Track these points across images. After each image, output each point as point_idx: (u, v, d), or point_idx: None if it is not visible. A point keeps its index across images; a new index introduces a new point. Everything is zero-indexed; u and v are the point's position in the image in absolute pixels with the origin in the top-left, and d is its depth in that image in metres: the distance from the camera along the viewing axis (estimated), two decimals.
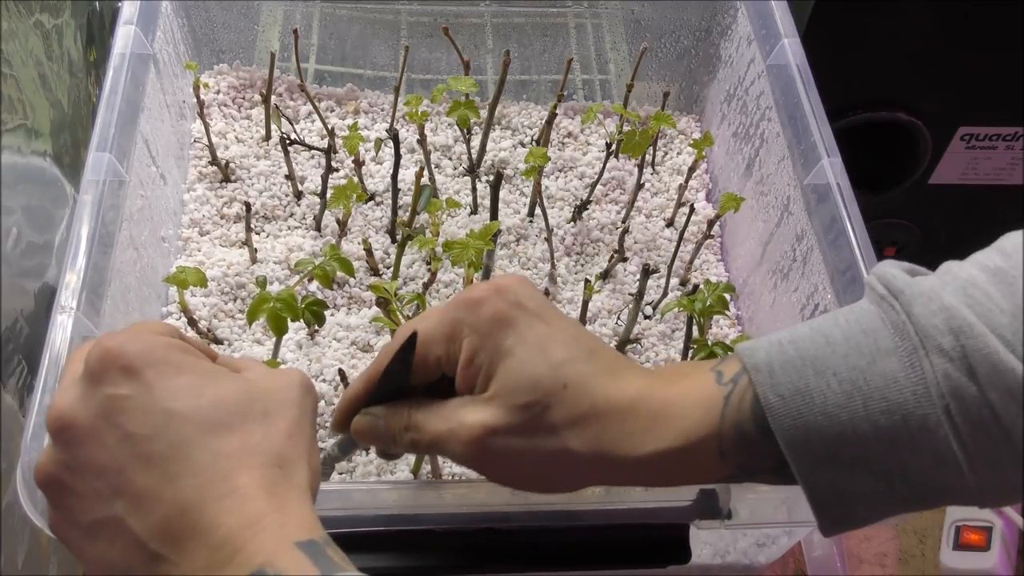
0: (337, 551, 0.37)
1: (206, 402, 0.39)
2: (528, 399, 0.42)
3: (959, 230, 1.19)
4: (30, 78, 0.72)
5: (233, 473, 0.37)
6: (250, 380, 0.41)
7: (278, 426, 0.40)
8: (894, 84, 1.03)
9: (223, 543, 0.36)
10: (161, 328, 0.43)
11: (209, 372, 0.41)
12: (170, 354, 0.40)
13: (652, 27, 0.94)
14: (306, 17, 0.94)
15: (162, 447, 0.37)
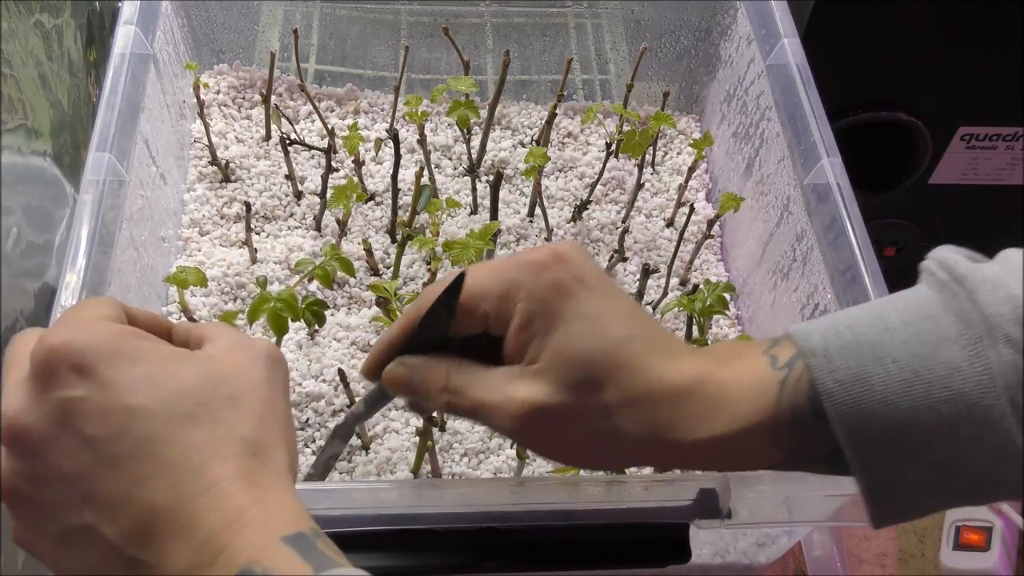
0: (327, 542, 0.35)
1: (168, 393, 0.36)
2: (582, 376, 0.41)
3: (959, 230, 1.18)
4: (30, 78, 0.72)
5: (206, 467, 0.35)
6: (212, 360, 0.38)
7: (248, 409, 0.37)
8: (894, 84, 1.03)
9: (205, 543, 0.34)
10: (104, 310, 0.39)
11: (166, 358, 0.37)
12: (121, 344, 0.37)
13: (652, 27, 0.94)
14: (306, 17, 0.94)
15: (127, 447, 0.35)
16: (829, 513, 0.56)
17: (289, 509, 0.36)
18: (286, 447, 0.38)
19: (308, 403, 0.70)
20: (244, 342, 0.40)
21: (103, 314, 0.39)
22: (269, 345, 0.41)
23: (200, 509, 0.34)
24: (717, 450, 0.41)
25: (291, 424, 0.40)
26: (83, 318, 0.38)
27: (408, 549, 0.53)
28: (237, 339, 0.40)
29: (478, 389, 0.43)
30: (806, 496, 0.55)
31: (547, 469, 0.69)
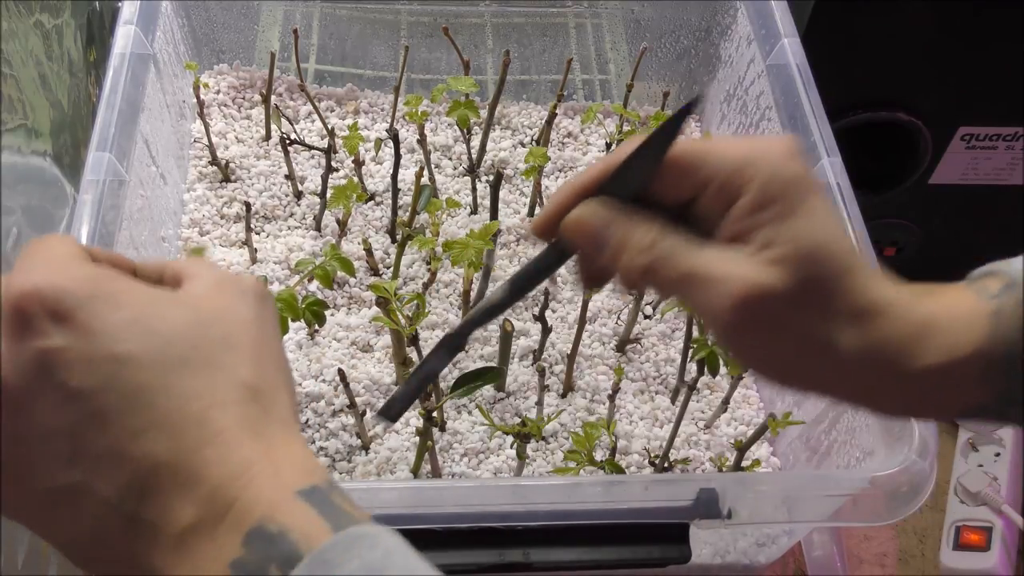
0: (343, 495, 0.32)
1: (158, 339, 0.33)
2: (817, 273, 0.37)
3: (959, 230, 1.19)
4: (30, 78, 0.72)
5: (207, 417, 0.32)
6: (198, 299, 0.35)
7: (243, 352, 0.34)
8: (894, 84, 1.03)
9: (210, 498, 0.31)
10: (69, 248, 0.35)
11: (150, 300, 0.34)
12: (99, 286, 0.33)
13: (652, 27, 0.94)
14: (306, 17, 0.94)
15: (117, 399, 0.32)
16: (829, 513, 0.56)
17: (299, 460, 0.33)
18: (287, 391, 0.35)
19: (308, 403, 0.70)
20: (228, 278, 0.37)
21: (69, 253, 0.35)
22: (255, 280, 0.38)
23: (203, 462, 0.31)
24: (924, 384, 0.38)
25: (288, 367, 0.38)
26: (50, 258, 0.34)
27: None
28: (219, 275, 0.37)
29: (694, 258, 0.37)
30: (806, 496, 0.55)
31: (547, 469, 0.69)
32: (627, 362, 0.76)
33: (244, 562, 0.30)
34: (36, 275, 0.33)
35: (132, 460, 0.31)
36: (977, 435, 1.17)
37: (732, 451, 0.69)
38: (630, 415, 0.73)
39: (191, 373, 0.33)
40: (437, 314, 0.76)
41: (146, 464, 0.31)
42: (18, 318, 0.32)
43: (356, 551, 0.30)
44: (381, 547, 0.30)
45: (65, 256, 0.34)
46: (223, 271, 0.38)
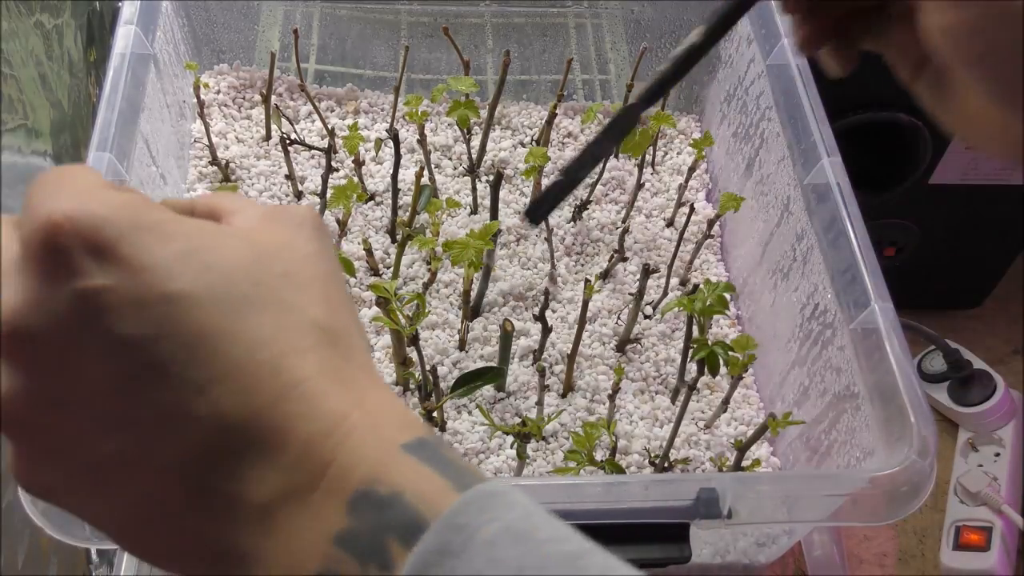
0: (450, 448, 0.28)
1: (217, 274, 0.27)
2: None
3: (959, 230, 1.19)
4: (30, 78, 0.72)
5: (282, 365, 0.27)
6: (251, 231, 0.30)
7: (310, 289, 0.29)
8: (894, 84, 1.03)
9: (299, 461, 0.26)
10: (96, 178, 0.29)
11: (200, 230, 0.28)
12: (141, 214, 0.27)
13: (652, 27, 0.94)
14: (306, 17, 0.94)
15: (174, 348, 0.26)
16: (829, 513, 0.56)
17: (396, 410, 0.28)
18: (361, 334, 0.31)
19: None
20: (278, 209, 0.32)
21: (96, 181, 0.29)
22: (309, 210, 0.32)
23: (285, 418, 0.26)
24: None
25: (354, 307, 0.33)
26: (77, 185, 0.28)
27: None
28: (266, 207, 0.32)
29: None
30: (806, 496, 0.55)
31: (547, 469, 0.69)
32: (627, 362, 0.76)
33: (352, 534, 0.25)
34: (65, 202, 0.27)
35: (196, 420, 0.26)
36: (977, 435, 1.18)
37: (732, 451, 0.69)
38: (630, 415, 0.73)
39: (257, 315, 0.27)
40: (437, 314, 0.77)
41: (214, 424, 0.26)
42: (48, 253, 0.26)
43: (492, 512, 0.25)
44: (519, 506, 0.25)
45: (94, 183, 0.28)
46: (269, 204, 0.34)
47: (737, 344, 0.65)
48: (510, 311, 0.78)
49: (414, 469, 0.26)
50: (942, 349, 1.16)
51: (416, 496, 0.25)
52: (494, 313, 0.78)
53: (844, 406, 0.64)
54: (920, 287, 1.22)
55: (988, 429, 1.17)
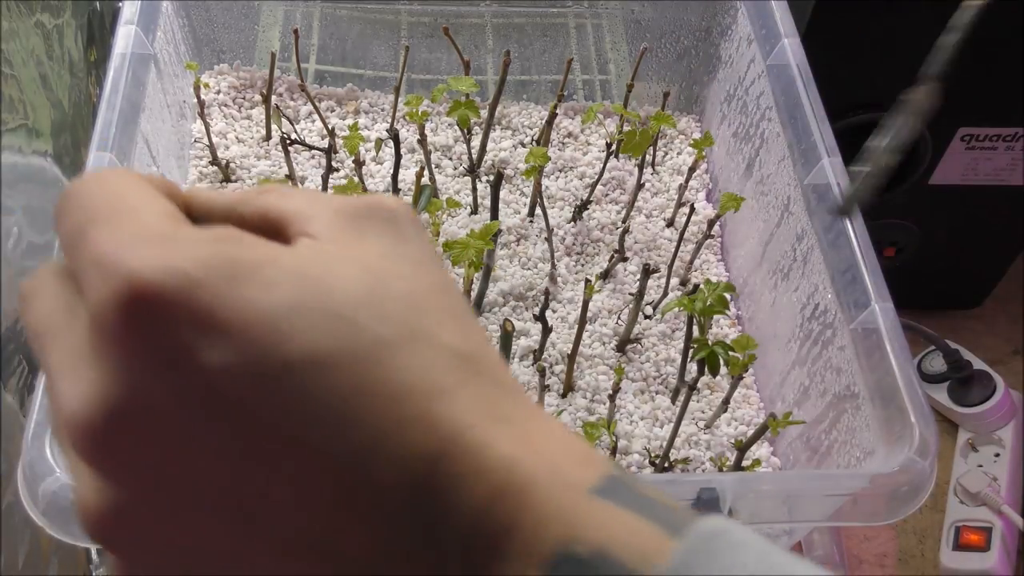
0: (644, 484, 0.23)
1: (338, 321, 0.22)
2: None
3: (959, 231, 1.19)
4: (31, 78, 0.72)
5: (435, 415, 0.22)
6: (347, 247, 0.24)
7: (435, 308, 0.24)
8: (894, 84, 1.03)
9: (475, 530, 0.22)
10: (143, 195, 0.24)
11: (301, 263, 0.22)
12: (234, 261, 0.22)
13: (652, 27, 0.94)
14: (306, 17, 0.94)
15: (308, 424, 0.21)
16: (829, 513, 0.56)
17: (568, 443, 0.23)
18: (495, 350, 0.26)
19: None
20: (359, 205, 0.26)
21: (148, 205, 0.23)
22: (396, 200, 0.26)
23: (452, 484, 0.22)
24: None
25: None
26: (142, 218, 0.22)
27: None
28: (340, 202, 0.26)
29: None
30: (806, 496, 0.56)
31: None
32: (627, 362, 0.76)
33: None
34: (136, 257, 0.21)
35: (349, 506, 0.21)
36: (977, 435, 1.17)
37: (732, 451, 0.69)
38: (630, 415, 0.73)
39: (392, 359, 0.22)
40: None
41: (369, 505, 0.22)
42: (135, 332, 0.21)
43: (723, 557, 0.21)
44: (750, 547, 0.21)
45: (149, 213, 0.23)
46: (340, 197, 0.26)
47: (737, 344, 0.65)
48: (510, 311, 0.78)
49: (614, 518, 0.22)
50: (942, 349, 1.16)
51: (626, 551, 0.21)
52: (494, 313, 0.78)
53: (844, 406, 0.64)
54: (920, 287, 1.22)
55: (988, 429, 1.17)
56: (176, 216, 0.24)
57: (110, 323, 0.21)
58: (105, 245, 0.22)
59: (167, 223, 0.23)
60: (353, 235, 0.25)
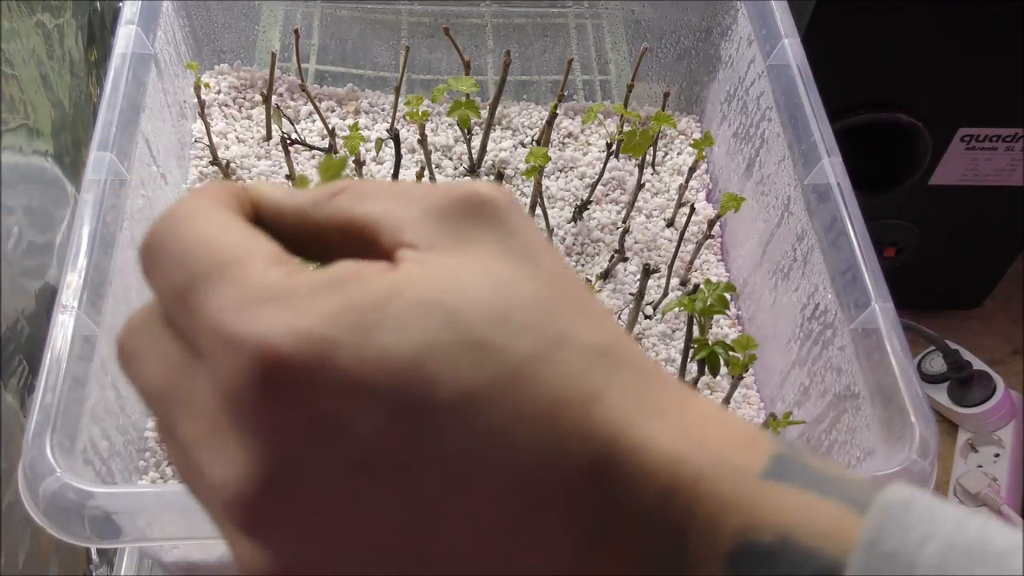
0: (815, 456, 0.22)
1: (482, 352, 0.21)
2: None
3: (959, 231, 1.19)
4: (31, 78, 0.72)
5: (591, 421, 0.21)
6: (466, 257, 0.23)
7: (565, 305, 0.23)
8: (894, 85, 1.03)
9: (648, 532, 0.21)
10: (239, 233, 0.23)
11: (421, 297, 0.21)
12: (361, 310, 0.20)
13: (652, 28, 0.94)
14: (307, 17, 0.94)
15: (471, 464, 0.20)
16: None
17: (726, 424, 0.22)
18: (628, 337, 0.25)
19: None
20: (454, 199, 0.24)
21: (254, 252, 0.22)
22: (493, 187, 0.24)
23: (614, 491, 0.21)
24: None
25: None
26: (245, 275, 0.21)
27: None
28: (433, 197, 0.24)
29: None
30: None
31: None
32: None
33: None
34: (256, 324, 0.20)
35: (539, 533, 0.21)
36: (977, 436, 1.18)
37: None
38: None
39: (541, 373, 0.21)
40: None
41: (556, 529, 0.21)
42: (279, 407, 0.20)
43: (916, 527, 0.19)
44: (946, 514, 0.20)
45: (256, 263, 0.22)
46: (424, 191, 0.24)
47: (737, 344, 0.65)
48: None
49: (792, 500, 0.20)
50: (942, 350, 1.16)
51: (810, 534, 0.20)
52: None
53: (844, 406, 0.64)
54: (920, 287, 1.22)
55: (988, 430, 1.17)
56: (280, 258, 0.22)
57: (247, 397, 0.20)
58: (222, 312, 0.21)
59: (277, 273, 0.21)
60: (454, 239, 0.23)
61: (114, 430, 0.61)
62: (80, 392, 0.55)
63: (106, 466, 0.58)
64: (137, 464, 0.65)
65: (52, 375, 0.54)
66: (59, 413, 0.53)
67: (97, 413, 0.58)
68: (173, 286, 0.22)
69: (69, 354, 0.55)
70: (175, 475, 0.65)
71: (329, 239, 0.25)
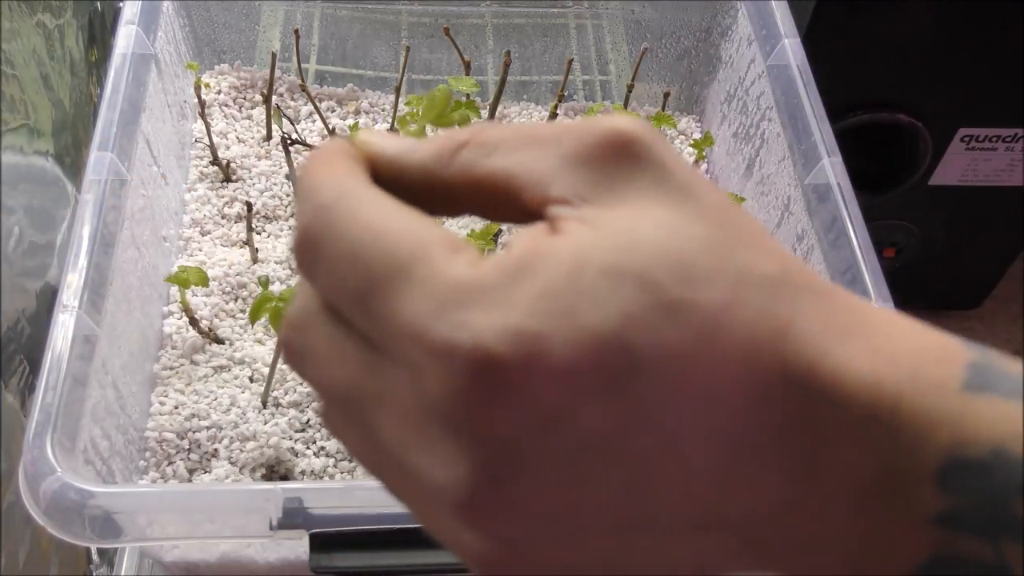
0: (1006, 358, 0.22)
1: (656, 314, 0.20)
2: None
3: (959, 231, 1.19)
4: (32, 78, 0.72)
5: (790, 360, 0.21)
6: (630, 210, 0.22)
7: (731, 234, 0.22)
8: (894, 85, 1.03)
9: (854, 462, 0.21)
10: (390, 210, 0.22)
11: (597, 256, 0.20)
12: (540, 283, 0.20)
13: (652, 28, 0.94)
14: (307, 17, 0.94)
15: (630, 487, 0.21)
16: None
17: (915, 337, 0.22)
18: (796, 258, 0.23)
19: (309, 403, 0.70)
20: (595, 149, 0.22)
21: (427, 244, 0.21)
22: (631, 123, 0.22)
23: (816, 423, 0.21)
24: None
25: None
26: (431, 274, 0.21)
27: (409, 548, 0.53)
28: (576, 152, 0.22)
29: None
30: None
31: None
32: None
33: (959, 511, 0.20)
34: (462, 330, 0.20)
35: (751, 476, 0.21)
36: None
37: None
38: None
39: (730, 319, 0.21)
40: None
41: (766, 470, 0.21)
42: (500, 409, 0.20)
43: None
44: None
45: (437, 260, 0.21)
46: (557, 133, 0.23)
47: None
48: None
49: (995, 410, 0.20)
50: None
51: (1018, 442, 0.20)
52: None
53: None
54: (920, 288, 1.22)
55: None
56: (455, 244, 0.21)
57: (463, 401, 0.20)
58: (421, 319, 0.20)
59: (462, 265, 0.21)
60: (607, 188, 0.22)
61: (114, 430, 0.61)
62: (80, 392, 0.55)
63: (106, 466, 0.58)
64: (137, 464, 0.65)
65: (53, 375, 0.54)
66: (59, 413, 0.53)
67: (97, 413, 0.58)
68: (347, 287, 0.21)
69: (70, 354, 0.55)
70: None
71: (461, 197, 0.24)
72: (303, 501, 0.52)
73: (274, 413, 0.69)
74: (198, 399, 0.69)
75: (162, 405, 0.68)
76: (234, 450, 0.66)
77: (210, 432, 0.67)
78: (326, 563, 0.52)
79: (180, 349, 0.72)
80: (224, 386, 0.70)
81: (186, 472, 0.66)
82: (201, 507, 0.52)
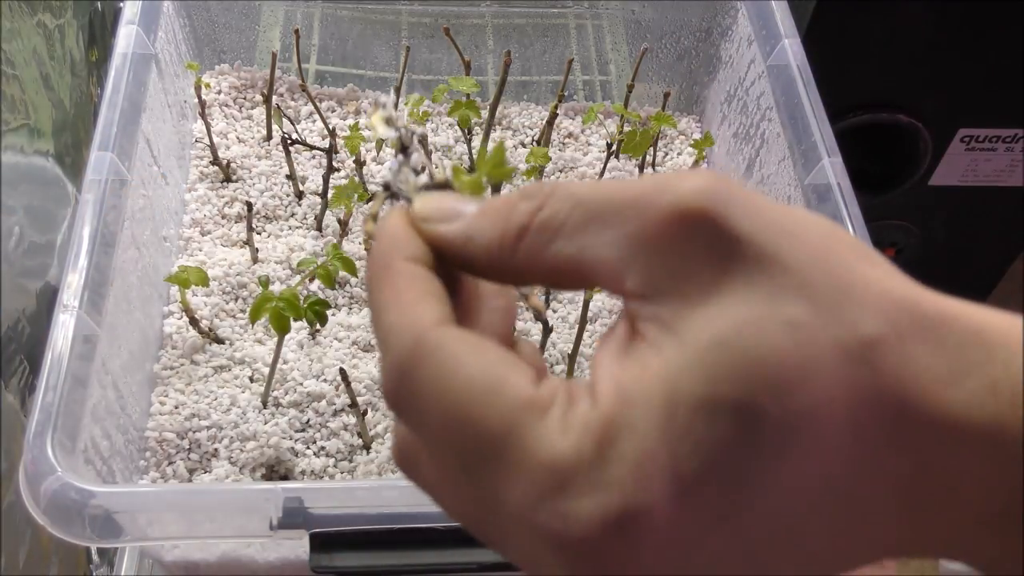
0: None
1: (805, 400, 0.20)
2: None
3: (959, 232, 1.19)
4: (32, 78, 0.72)
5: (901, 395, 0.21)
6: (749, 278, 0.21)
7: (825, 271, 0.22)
8: (894, 85, 1.03)
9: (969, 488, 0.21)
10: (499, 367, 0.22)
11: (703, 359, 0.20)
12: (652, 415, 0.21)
13: (652, 28, 0.94)
14: (307, 17, 0.94)
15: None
16: None
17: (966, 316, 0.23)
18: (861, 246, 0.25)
19: (309, 403, 0.70)
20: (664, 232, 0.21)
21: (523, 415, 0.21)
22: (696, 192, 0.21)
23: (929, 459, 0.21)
24: None
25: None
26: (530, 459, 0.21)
27: (409, 548, 0.53)
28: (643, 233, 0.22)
29: None
30: None
31: None
32: None
33: None
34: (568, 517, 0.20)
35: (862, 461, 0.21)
36: None
37: None
38: None
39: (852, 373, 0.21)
40: None
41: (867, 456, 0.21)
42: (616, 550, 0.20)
43: None
44: None
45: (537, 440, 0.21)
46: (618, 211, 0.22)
47: None
48: None
49: None
50: None
51: None
52: None
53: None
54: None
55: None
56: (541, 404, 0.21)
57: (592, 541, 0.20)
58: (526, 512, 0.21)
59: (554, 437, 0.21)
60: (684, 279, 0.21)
61: (115, 429, 0.61)
62: (81, 392, 0.55)
63: (107, 466, 0.59)
64: (138, 464, 0.65)
65: (53, 375, 0.54)
66: (60, 413, 0.53)
67: (98, 413, 0.58)
68: (446, 457, 0.22)
69: (70, 354, 0.56)
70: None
71: (533, 280, 0.24)
72: (303, 501, 0.52)
73: (274, 413, 0.69)
74: (198, 399, 0.69)
75: (162, 405, 0.68)
76: (234, 450, 0.66)
77: (210, 432, 0.67)
78: (326, 563, 0.52)
79: (180, 349, 0.72)
80: (224, 386, 0.70)
81: (186, 472, 0.66)
82: (201, 507, 0.52)
